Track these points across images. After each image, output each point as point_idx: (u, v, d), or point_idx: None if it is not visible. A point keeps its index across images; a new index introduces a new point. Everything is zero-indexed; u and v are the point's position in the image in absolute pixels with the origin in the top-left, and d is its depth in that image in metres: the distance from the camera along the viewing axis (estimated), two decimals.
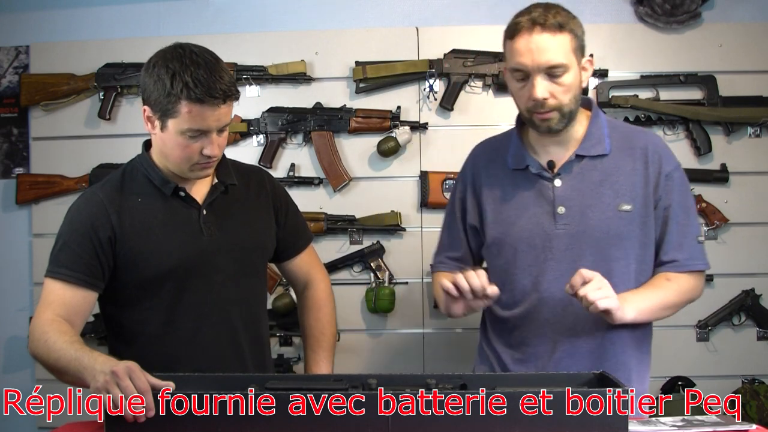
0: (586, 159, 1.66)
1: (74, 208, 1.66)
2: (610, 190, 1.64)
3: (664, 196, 1.66)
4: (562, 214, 1.64)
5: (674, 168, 1.68)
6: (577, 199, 1.65)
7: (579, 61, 1.60)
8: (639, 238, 1.65)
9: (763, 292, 2.68)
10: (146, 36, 2.74)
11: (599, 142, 1.67)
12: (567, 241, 1.64)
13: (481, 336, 1.83)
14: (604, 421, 1.29)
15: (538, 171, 1.67)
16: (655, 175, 1.65)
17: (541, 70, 1.55)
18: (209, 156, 1.58)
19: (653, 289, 1.66)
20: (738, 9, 2.71)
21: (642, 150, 1.66)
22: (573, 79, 1.58)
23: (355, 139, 2.71)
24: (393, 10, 2.77)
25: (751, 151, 2.69)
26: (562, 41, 1.55)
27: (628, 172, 1.65)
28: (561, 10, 1.58)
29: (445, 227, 1.85)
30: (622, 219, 1.63)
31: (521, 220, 1.67)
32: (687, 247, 1.67)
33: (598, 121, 1.69)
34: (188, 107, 1.51)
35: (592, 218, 1.63)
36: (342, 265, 2.70)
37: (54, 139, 2.76)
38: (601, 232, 1.63)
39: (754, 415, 2.51)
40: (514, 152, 1.72)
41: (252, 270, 1.75)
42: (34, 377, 2.73)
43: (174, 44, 1.57)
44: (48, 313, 1.55)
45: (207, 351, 1.67)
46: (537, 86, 1.56)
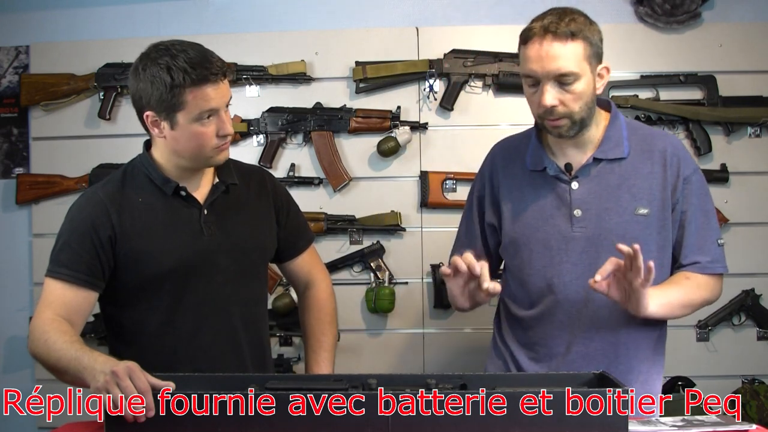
0: (604, 162, 1.66)
1: (75, 208, 1.66)
2: (627, 193, 1.64)
3: (682, 199, 1.65)
4: (579, 217, 1.64)
5: (693, 171, 1.67)
6: (594, 203, 1.64)
7: (593, 69, 1.58)
8: (656, 241, 1.64)
9: (763, 292, 2.68)
10: (146, 36, 2.71)
11: (617, 145, 1.66)
12: (583, 244, 1.64)
13: (496, 333, 1.83)
14: (604, 421, 1.29)
15: (556, 173, 1.67)
16: (674, 179, 1.64)
17: (550, 78, 1.55)
18: (225, 135, 1.60)
19: (675, 286, 1.65)
20: (738, 9, 2.71)
21: (661, 153, 1.65)
22: (584, 87, 1.56)
23: (355, 139, 2.71)
24: (393, 10, 2.77)
25: (751, 151, 2.68)
26: (574, 49, 1.54)
27: (646, 175, 1.64)
28: (578, 17, 1.56)
29: (463, 224, 1.86)
30: (639, 223, 1.63)
31: (538, 222, 1.68)
32: (707, 250, 1.67)
33: (617, 124, 1.68)
34: (192, 93, 1.52)
35: (609, 222, 1.63)
36: (342, 265, 2.70)
37: (54, 139, 2.76)
38: (618, 236, 1.61)
39: (754, 415, 2.51)
40: (532, 153, 1.72)
41: (252, 270, 1.75)
42: (34, 377, 2.73)
43: (150, 46, 1.59)
44: (48, 312, 1.55)
45: (207, 351, 1.67)
46: (546, 94, 1.55)
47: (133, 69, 1.58)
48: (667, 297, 1.62)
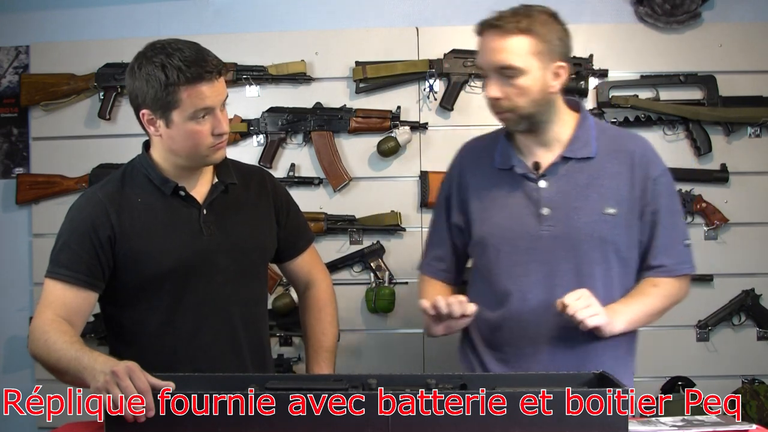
0: (573, 161, 1.65)
1: (74, 208, 1.66)
2: (595, 193, 1.64)
3: (652, 200, 1.65)
4: (547, 216, 1.64)
5: (661, 172, 1.68)
6: (563, 201, 1.64)
7: (544, 66, 1.57)
8: (623, 241, 1.65)
9: (763, 292, 2.68)
10: (146, 36, 2.69)
11: (586, 144, 1.66)
12: (551, 243, 1.63)
13: (462, 335, 1.82)
14: (604, 421, 1.29)
15: (524, 172, 1.67)
16: (642, 180, 1.64)
17: (493, 71, 1.57)
18: (220, 134, 1.59)
19: (641, 298, 1.66)
20: (738, 9, 2.71)
21: (629, 154, 1.66)
22: (531, 83, 1.57)
23: (355, 139, 2.71)
24: (393, 10, 2.77)
25: (751, 151, 2.68)
26: (519, 44, 1.55)
27: (613, 175, 1.64)
28: (537, 15, 1.57)
29: (432, 224, 1.86)
30: (607, 222, 1.63)
31: (506, 221, 1.67)
32: (675, 251, 1.68)
33: (586, 124, 1.68)
34: (187, 91, 1.52)
35: (577, 221, 1.63)
36: (342, 265, 2.70)
37: (54, 139, 2.76)
38: (586, 235, 1.62)
39: (754, 415, 2.51)
40: (501, 152, 1.72)
41: (252, 270, 1.75)
42: (34, 377, 2.73)
43: (147, 45, 1.59)
44: (48, 313, 1.55)
45: (207, 351, 1.67)
46: (489, 86, 1.60)
47: (130, 68, 1.58)
48: (635, 311, 1.64)
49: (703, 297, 2.66)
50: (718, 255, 2.66)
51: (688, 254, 1.70)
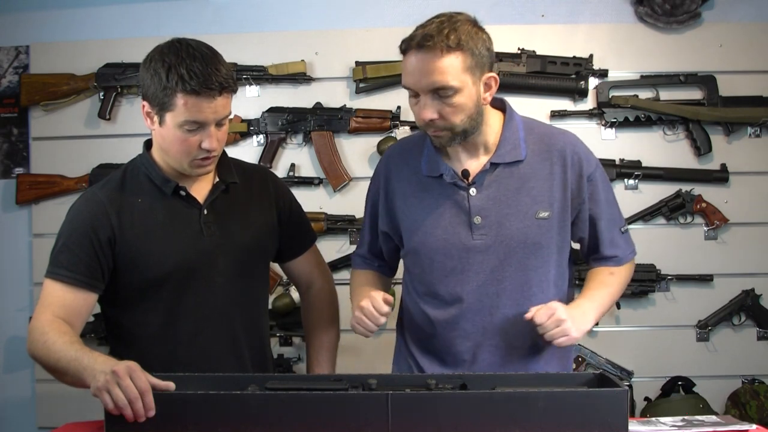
0: (502, 166, 1.60)
1: (74, 209, 1.65)
2: (527, 197, 1.60)
3: (589, 198, 1.63)
4: (479, 224, 1.59)
5: (595, 168, 1.65)
6: (494, 209, 1.59)
7: (476, 80, 1.51)
8: (557, 243, 1.62)
9: (763, 292, 2.68)
10: (146, 36, 2.73)
11: (514, 147, 1.60)
12: (484, 252, 1.60)
13: (399, 338, 1.80)
14: (604, 421, 1.29)
15: (453, 180, 1.61)
16: (576, 180, 1.61)
17: (427, 92, 1.49)
18: (208, 150, 1.57)
19: (604, 288, 1.66)
20: (738, 9, 2.71)
21: (560, 152, 1.61)
22: (465, 100, 1.50)
23: (355, 139, 2.71)
24: (393, 10, 2.77)
25: (751, 151, 2.69)
26: (452, 62, 1.47)
27: (545, 176, 1.60)
28: (461, 26, 1.50)
29: (364, 223, 1.82)
30: (541, 227, 1.60)
31: (437, 231, 1.62)
32: (618, 242, 1.69)
33: (513, 125, 1.62)
34: (184, 99, 1.51)
35: (510, 228, 1.59)
36: (342, 265, 2.70)
37: (54, 139, 2.76)
38: (519, 242, 1.59)
39: (754, 415, 2.51)
40: (428, 159, 1.65)
41: (253, 271, 1.75)
42: (34, 377, 2.73)
43: (172, 39, 1.57)
44: (47, 314, 1.55)
45: (207, 352, 1.67)
46: (424, 108, 1.50)
47: (146, 56, 1.57)
48: (601, 305, 1.64)
49: (703, 297, 2.67)
50: (718, 255, 2.67)
51: (627, 240, 1.72)
